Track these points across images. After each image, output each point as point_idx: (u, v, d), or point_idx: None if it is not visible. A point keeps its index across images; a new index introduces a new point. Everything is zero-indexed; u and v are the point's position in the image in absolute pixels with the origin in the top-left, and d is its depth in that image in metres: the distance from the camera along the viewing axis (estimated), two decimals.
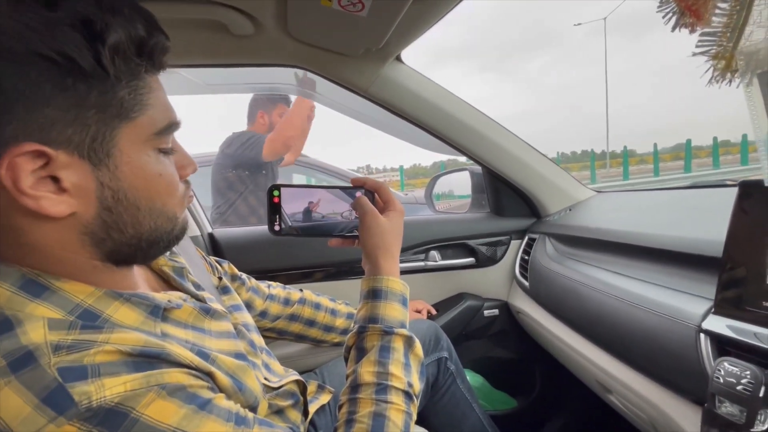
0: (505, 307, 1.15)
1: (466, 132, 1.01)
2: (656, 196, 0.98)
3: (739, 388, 0.43)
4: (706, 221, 0.66)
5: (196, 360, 0.38)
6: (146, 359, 0.34)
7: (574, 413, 1.15)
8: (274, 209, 0.55)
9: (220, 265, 0.73)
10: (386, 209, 0.56)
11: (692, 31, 0.39)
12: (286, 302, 0.82)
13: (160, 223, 0.39)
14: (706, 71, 0.38)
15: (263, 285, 0.81)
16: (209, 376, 0.39)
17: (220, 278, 0.65)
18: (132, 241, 0.37)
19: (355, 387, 0.48)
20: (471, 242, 1.13)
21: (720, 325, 0.49)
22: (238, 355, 0.46)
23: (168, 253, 0.51)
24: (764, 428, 0.42)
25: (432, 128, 0.99)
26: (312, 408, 0.72)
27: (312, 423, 0.69)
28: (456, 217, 1.20)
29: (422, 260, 1.11)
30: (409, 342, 0.52)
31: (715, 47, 0.37)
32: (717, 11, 0.36)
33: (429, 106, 0.95)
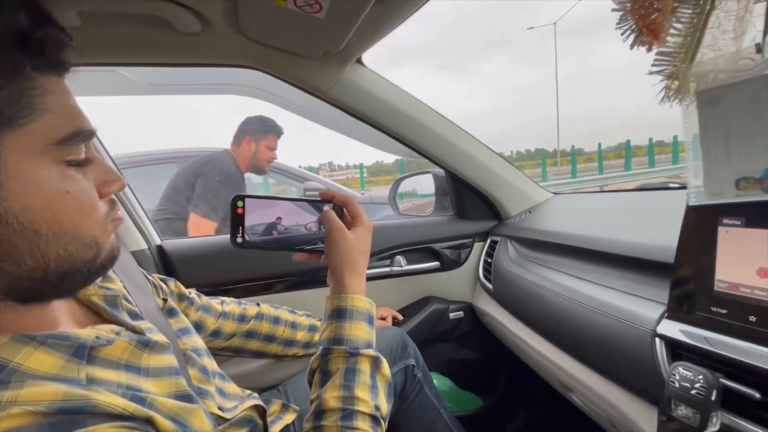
0: (470, 309, 1.16)
1: (428, 136, 1.01)
2: (608, 198, 1.02)
3: (693, 392, 0.45)
4: (656, 226, 0.69)
5: (131, 406, 0.33)
6: (67, 417, 0.28)
7: (538, 410, 1.19)
8: (238, 221, 0.53)
9: (166, 284, 0.67)
10: (354, 224, 0.54)
11: (649, 49, 0.39)
12: (242, 318, 0.77)
13: (74, 251, 0.33)
14: (660, 91, 0.39)
15: (215, 302, 0.75)
16: (148, 422, 0.34)
17: (165, 299, 0.60)
18: (35, 274, 0.31)
19: (320, 414, 0.46)
20: (435, 246, 1.13)
21: (673, 329, 0.51)
22: (182, 396, 0.41)
23: (99, 279, 0.45)
24: (716, 429, 0.44)
25: (394, 132, 0.98)
26: (275, 429, 0.68)
27: None
28: (420, 221, 1.20)
29: (388, 266, 1.09)
30: (375, 363, 0.50)
31: (669, 67, 0.37)
32: (672, 31, 0.36)
33: (391, 110, 0.93)
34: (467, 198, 1.15)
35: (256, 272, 0.99)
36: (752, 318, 0.45)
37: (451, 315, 1.13)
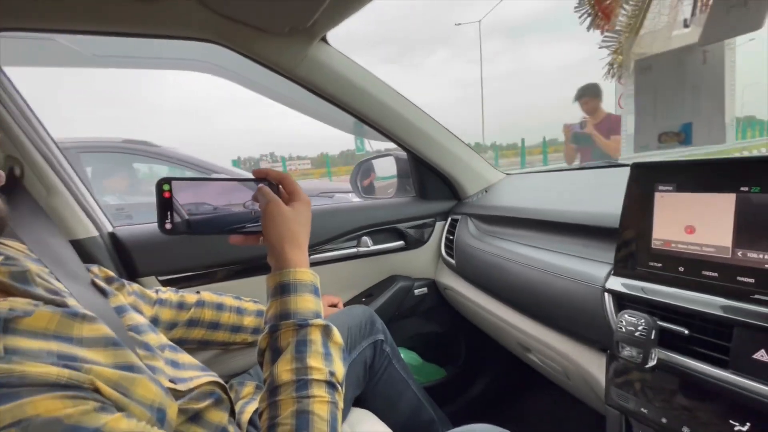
0: (433, 285, 1.22)
1: (393, 117, 1.03)
2: (555, 176, 1.12)
3: (636, 334, 0.53)
4: (599, 197, 0.77)
5: (66, 373, 0.30)
6: None
7: (496, 375, 1.29)
8: (165, 205, 0.50)
9: (89, 270, 0.60)
10: (291, 200, 0.53)
11: (603, 32, 0.44)
12: (180, 306, 0.73)
13: None
14: (604, 67, 0.45)
15: (149, 291, 0.71)
16: (92, 390, 0.32)
17: (92, 281, 0.55)
18: None
19: (274, 389, 0.45)
20: (400, 226, 1.16)
21: (618, 284, 0.59)
22: (123, 366, 0.39)
23: (2, 259, 0.42)
24: (654, 363, 0.51)
25: (360, 113, 0.99)
26: (249, 410, 0.68)
27: (253, 424, 0.66)
28: (385, 203, 1.23)
29: (354, 246, 1.11)
30: (326, 331, 0.50)
31: (615, 44, 0.43)
32: (622, 12, 0.41)
33: (357, 91, 0.94)
34: (429, 179, 1.20)
35: (218, 258, 0.96)
36: (681, 268, 0.53)
37: (416, 291, 1.18)
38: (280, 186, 0.54)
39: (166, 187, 0.50)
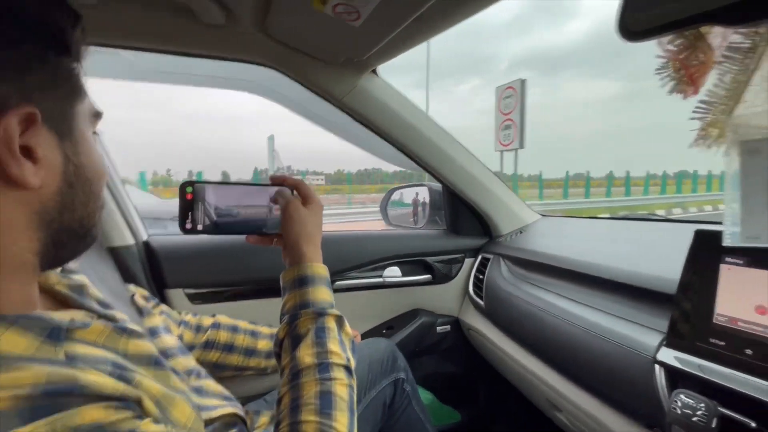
0: (456, 323, 1.18)
1: (431, 149, 1.02)
2: (594, 224, 1.08)
3: (694, 419, 0.48)
4: (653, 255, 0.73)
5: (121, 387, 0.31)
6: (51, 400, 0.26)
7: (514, 426, 1.22)
8: (186, 206, 0.54)
9: (126, 287, 0.63)
10: (306, 203, 0.57)
11: (685, 97, 0.42)
12: (198, 329, 0.74)
13: (92, 210, 0.36)
14: (696, 138, 0.42)
15: (174, 312, 0.73)
16: (137, 404, 0.32)
17: (132, 296, 0.57)
18: (73, 225, 0.35)
19: (297, 373, 0.46)
20: (428, 259, 1.14)
21: (670, 357, 0.55)
22: (164, 384, 0.39)
23: (60, 270, 0.43)
24: None
25: (400, 143, 0.98)
26: None
27: None
28: (414, 233, 1.21)
29: (380, 276, 1.09)
30: (339, 322, 0.52)
31: (709, 116, 0.40)
32: (717, 83, 0.39)
33: (400, 122, 0.94)
34: (461, 214, 1.18)
35: (246, 275, 0.95)
36: (749, 351, 0.49)
37: (438, 329, 1.14)
38: (295, 191, 0.59)
39: (188, 189, 0.53)
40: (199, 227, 0.54)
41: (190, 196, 0.53)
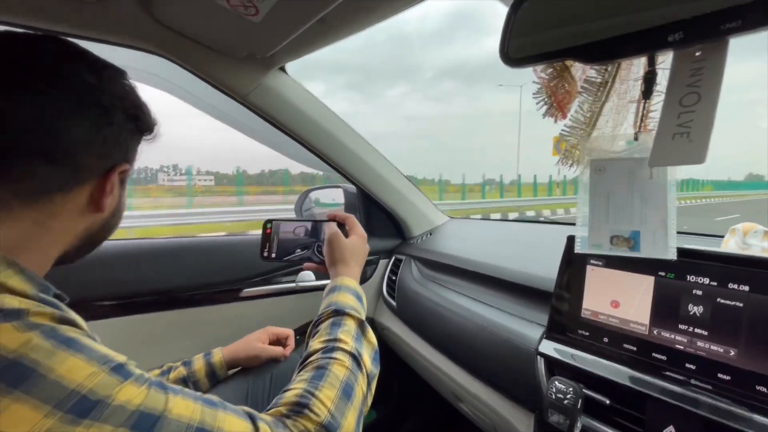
0: (371, 324, 1.19)
1: (344, 152, 1.01)
2: (496, 226, 1.18)
3: (565, 402, 0.55)
4: (539, 256, 0.82)
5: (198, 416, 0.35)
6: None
7: (426, 420, 1.27)
8: (265, 239, 0.68)
9: None
10: (350, 234, 0.67)
11: (556, 121, 0.47)
12: None
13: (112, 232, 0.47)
14: (562, 155, 0.47)
15: None
16: None
17: None
18: (98, 240, 0.45)
19: (305, 358, 0.49)
20: None
21: (551, 348, 0.62)
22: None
23: None
24: (579, 430, 0.54)
25: (310, 144, 0.96)
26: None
27: None
28: None
29: (293, 282, 1.06)
30: (361, 326, 0.55)
31: (572, 138, 0.45)
32: (578, 110, 0.44)
33: (310, 122, 0.91)
34: (376, 216, 1.19)
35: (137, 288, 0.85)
36: (605, 339, 0.57)
37: None
38: (344, 224, 0.68)
39: (268, 225, 0.68)
40: (273, 255, 0.68)
41: (269, 230, 0.68)
